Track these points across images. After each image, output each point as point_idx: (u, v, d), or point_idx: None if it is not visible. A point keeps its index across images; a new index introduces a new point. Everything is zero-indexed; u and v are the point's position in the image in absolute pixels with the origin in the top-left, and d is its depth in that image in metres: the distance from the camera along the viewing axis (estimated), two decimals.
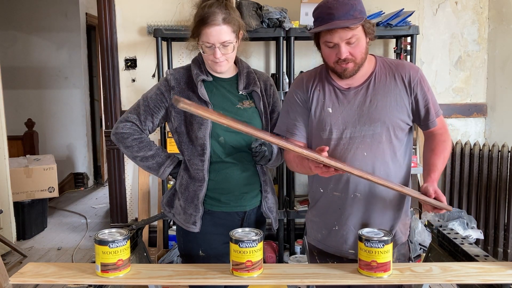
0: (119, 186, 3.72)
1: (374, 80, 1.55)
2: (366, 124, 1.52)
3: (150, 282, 1.34)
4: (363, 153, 1.51)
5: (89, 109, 5.96)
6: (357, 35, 1.43)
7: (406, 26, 3.22)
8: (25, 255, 3.67)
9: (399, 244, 1.62)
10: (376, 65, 1.57)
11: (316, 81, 1.60)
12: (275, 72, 3.47)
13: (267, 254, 3.31)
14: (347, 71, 1.49)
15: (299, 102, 1.61)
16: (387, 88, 1.54)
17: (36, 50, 5.62)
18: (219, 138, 1.68)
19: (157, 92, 1.72)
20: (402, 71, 1.56)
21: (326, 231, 1.61)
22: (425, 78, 1.58)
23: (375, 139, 1.52)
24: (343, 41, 1.43)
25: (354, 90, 1.54)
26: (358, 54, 1.46)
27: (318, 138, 1.58)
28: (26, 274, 1.34)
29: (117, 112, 3.63)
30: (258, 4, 3.21)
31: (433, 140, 1.60)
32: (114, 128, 1.72)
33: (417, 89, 1.54)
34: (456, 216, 3.30)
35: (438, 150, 1.57)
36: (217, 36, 1.60)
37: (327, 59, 1.51)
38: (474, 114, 3.67)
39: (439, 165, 1.54)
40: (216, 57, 1.63)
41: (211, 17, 1.59)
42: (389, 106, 1.52)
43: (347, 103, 1.54)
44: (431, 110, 1.56)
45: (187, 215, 1.71)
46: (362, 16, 1.42)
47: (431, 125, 1.58)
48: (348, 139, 1.52)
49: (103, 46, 3.59)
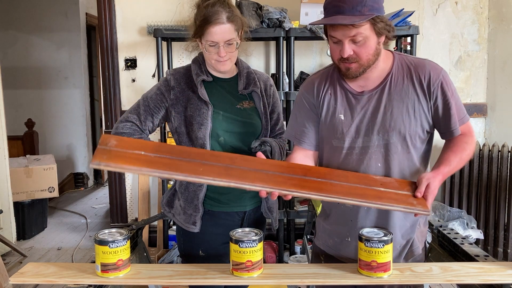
0: (119, 186, 3.72)
1: (390, 83, 1.41)
2: (380, 133, 1.40)
3: (150, 282, 1.34)
4: (377, 164, 1.41)
5: (89, 109, 5.96)
6: (363, 33, 1.30)
7: (406, 26, 3.22)
8: (25, 255, 3.67)
9: (416, 255, 1.51)
10: (394, 64, 1.43)
11: (327, 84, 1.49)
12: (275, 72, 3.47)
13: (267, 254, 3.31)
14: (350, 71, 1.37)
15: (308, 107, 1.51)
16: (404, 92, 1.40)
17: (36, 50, 5.62)
18: (219, 138, 1.68)
19: (157, 92, 1.72)
20: (421, 72, 1.40)
21: (339, 240, 1.54)
22: (449, 80, 1.41)
23: (390, 149, 1.40)
24: (346, 38, 1.31)
25: (368, 95, 1.42)
26: (363, 55, 1.34)
27: (329, 146, 1.48)
28: (26, 274, 1.33)
29: (117, 112, 3.63)
30: (258, 4, 3.21)
31: (453, 140, 1.44)
32: (114, 128, 1.72)
33: (438, 93, 1.39)
34: (456, 216, 3.30)
35: (455, 148, 1.41)
36: (222, 35, 1.60)
37: (332, 55, 1.40)
38: (474, 114, 3.68)
39: (453, 161, 1.38)
40: (221, 56, 1.62)
41: (215, 15, 1.58)
42: (405, 114, 1.39)
43: (360, 109, 1.42)
44: (453, 117, 1.40)
45: (187, 215, 1.71)
46: (372, 13, 1.28)
47: (453, 134, 1.42)
48: (360, 148, 1.42)
49: (103, 46, 3.59)
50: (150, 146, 1.35)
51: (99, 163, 1.23)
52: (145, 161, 1.27)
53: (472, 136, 1.46)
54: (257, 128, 1.73)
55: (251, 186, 1.27)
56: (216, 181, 1.26)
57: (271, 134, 1.79)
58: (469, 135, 1.45)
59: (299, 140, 1.54)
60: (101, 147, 1.29)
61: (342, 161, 1.45)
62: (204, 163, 1.32)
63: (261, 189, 1.27)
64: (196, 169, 1.29)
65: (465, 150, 1.41)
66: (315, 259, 1.67)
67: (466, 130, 1.45)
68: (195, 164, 1.31)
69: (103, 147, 1.29)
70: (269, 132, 1.77)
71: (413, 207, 1.31)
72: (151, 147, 1.35)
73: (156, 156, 1.31)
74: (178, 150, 1.38)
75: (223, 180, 1.26)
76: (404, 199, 1.33)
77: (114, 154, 1.27)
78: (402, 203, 1.31)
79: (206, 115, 1.66)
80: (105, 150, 1.27)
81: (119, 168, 1.24)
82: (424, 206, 1.31)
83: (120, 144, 1.32)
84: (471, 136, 1.46)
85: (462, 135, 1.44)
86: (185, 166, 1.29)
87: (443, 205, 3.41)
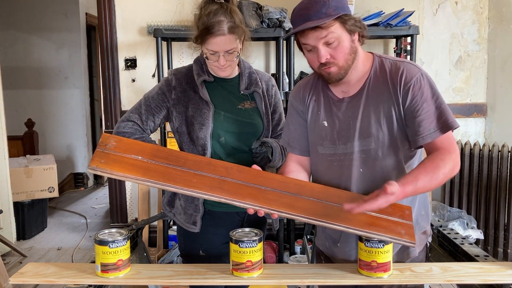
0: (119, 186, 3.72)
1: (368, 88, 1.39)
2: (359, 139, 1.38)
3: (150, 282, 1.34)
4: (359, 170, 1.40)
5: (89, 109, 5.96)
6: (334, 33, 1.29)
7: (406, 26, 3.23)
8: (25, 255, 3.67)
9: (412, 257, 1.47)
10: (372, 68, 1.40)
11: (312, 91, 1.49)
12: (275, 72, 3.47)
13: (267, 254, 3.31)
14: (331, 76, 1.35)
15: (297, 113, 1.52)
16: (379, 98, 1.36)
17: (36, 50, 5.62)
18: (220, 138, 1.68)
19: (159, 92, 1.72)
20: (396, 75, 1.35)
21: (331, 244, 1.54)
22: (425, 83, 1.33)
23: (371, 155, 1.38)
24: (319, 42, 1.30)
25: (348, 101, 1.41)
26: (339, 56, 1.32)
27: (315, 153, 1.49)
28: (26, 274, 1.33)
29: (117, 112, 3.63)
30: (258, 4, 3.21)
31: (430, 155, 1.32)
32: (116, 127, 1.72)
33: (408, 95, 1.32)
34: (456, 216, 3.30)
35: (429, 165, 1.28)
36: (223, 46, 1.59)
37: (311, 64, 1.39)
38: (474, 114, 3.68)
39: (421, 182, 1.24)
40: (222, 64, 1.62)
41: (217, 26, 1.56)
42: (382, 119, 1.36)
43: (341, 116, 1.42)
44: (423, 123, 1.31)
45: (187, 215, 1.71)
46: (338, 12, 1.28)
47: (419, 142, 1.32)
48: (342, 155, 1.41)
49: (103, 46, 3.59)
50: (147, 150, 1.38)
51: (95, 168, 1.27)
52: (140, 169, 1.31)
53: (451, 152, 1.30)
54: (258, 129, 1.73)
55: (240, 203, 1.30)
56: (208, 195, 1.30)
57: (272, 134, 1.78)
58: (447, 151, 1.30)
59: (292, 146, 1.55)
60: (99, 150, 1.31)
61: (327, 167, 1.45)
62: (198, 173, 1.35)
63: (250, 207, 1.29)
64: (189, 180, 1.32)
65: (438, 169, 1.26)
66: (317, 259, 1.68)
67: (445, 143, 1.31)
68: (189, 174, 1.34)
69: (101, 149, 1.31)
70: (271, 133, 1.77)
71: (400, 237, 1.29)
72: (149, 151, 1.38)
73: (152, 163, 1.33)
74: (175, 157, 1.39)
75: (214, 195, 1.30)
76: (393, 228, 1.31)
77: (111, 158, 1.30)
78: (390, 233, 1.30)
79: (207, 115, 1.66)
80: (103, 153, 1.30)
81: (115, 175, 1.28)
82: (411, 237, 1.30)
83: (119, 146, 1.34)
84: (450, 152, 1.30)
85: (439, 151, 1.30)
86: (179, 177, 1.32)
87: (443, 205, 3.42)
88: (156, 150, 1.40)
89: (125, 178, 1.30)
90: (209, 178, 1.35)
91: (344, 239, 1.47)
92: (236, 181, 1.36)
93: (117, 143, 1.35)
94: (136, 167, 1.31)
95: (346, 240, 1.47)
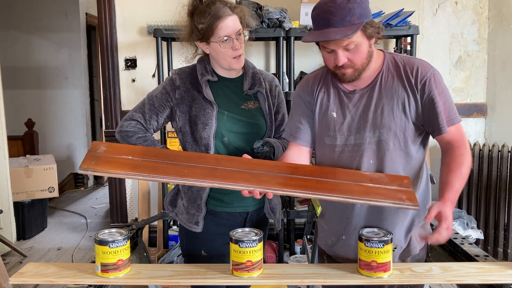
0: (119, 186, 3.72)
1: (381, 81, 1.43)
2: (371, 130, 1.41)
3: (150, 282, 1.34)
4: (370, 161, 1.42)
5: (89, 109, 5.96)
6: (355, 41, 1.32)
7: (406, 26, 3.23)
8: (25, 255, 3.67)
9: (413, 255, 1.50)
10: (384, 63, 1.45)
11: (321, 83, 1.52)
12: (275, 72, 3.47)
13: (267, 254, 3.31)
14: (346, 76, 1.40)
15: (304, 104, 1.54)
16: (394, 89, 1.41)
17: (36, 50, 5.62)
18: (223, 138, 1.68)
19: (163, 91, 1.72)
20: (410, 69, 1.42)
21: (335, 239, 1.55)
22: (438, 79, 1.41)
23: (382, 146, 1.41)
24: (339, 47, 1.33)
25: (359, 93, 1.44)
26: (357, 60, 1.36)
27: (322, 144, 1.50)
28: (26, 274, 1.34)
29: (117, 112, 3.63)
30: (258, 4, 3.21)
31: (448, 154, 1.41)
32: (119, 126, 1.72)
33: (425, 90, 1.39)
34: (456, 216, 3.30)
35: (453, 166, 1.38)
36: (233, 26, 1.62)
37: (326, 63, 1.44)
38: (474, 114, 3.68)
39: (455, 182, 1.35)
40: (236, 48, 1.64)
41: (221, 10, 1.61)
42: (396, 111, 1.40)
43: (352, 107, 1.45)
44: (440, 115, 1.39)
45: (189, 215, 1.71)
46: (362, 20, 1.29)
47: (441, 131, 1.40)
48: (352, 145, 1.43)
49: (103, 46, 3.59)
50: (137, 151, 1.39)
51: (86, 169, 1.28)
52: (131, 166, 1.31)
53: (465, 142, 1.42)
54: (261, 129, 1.73)
55: (233, 186, 1.29)
56: (199, 182, 1.29)
57: (275, 135, 1.78)
58: (461, 144, 1.41)
59: (294, 136, 1.55)
60: (90, 153, 1.33)
61: (335, 158, 1.46)
62: (189, 165, 1.35)
63: (243, 188, 1.29)
64: (181, 171, 1.32)
65: (462, 165, 1.38)
66: (319, 258, 1.69)
67: (458, 134, 1.42)
68: (180, 166, 1.34)
69: (92, 154, 1.33)
70: (274, 133, 1.77)
71: (402, 202, 1.30)
72: (139, 151, 1.39)
73: (142, 160, 1.34)
74: (165, 154, 1.41)
75: (206, 181, 1.29)
76: (393, 194, 1.32)
77: (102, 159, 1.32)
78: (391, 199, 1.30)
79: (211, 115, 1.66)
80: (93, 156, 1.32)
81: (106, 172, 1.29)
82: (413, 200, 1.30)
83: (109, 150, 1.36)
84: (464, 143, 1.42)
85: (456, 146, 1.41)
86: (170, 169, 1.32)
87: None
88: (146, 150, 1.42)
89: (116, 174, 1.30)
90: (200, 168, 1.35)
91: (350, 230, 1.48)
92: (228, 168, 1.36)
93: (107, 148, 1.37)
94: (126, 165, 1.32)
95: (352, 232, 1.47)
